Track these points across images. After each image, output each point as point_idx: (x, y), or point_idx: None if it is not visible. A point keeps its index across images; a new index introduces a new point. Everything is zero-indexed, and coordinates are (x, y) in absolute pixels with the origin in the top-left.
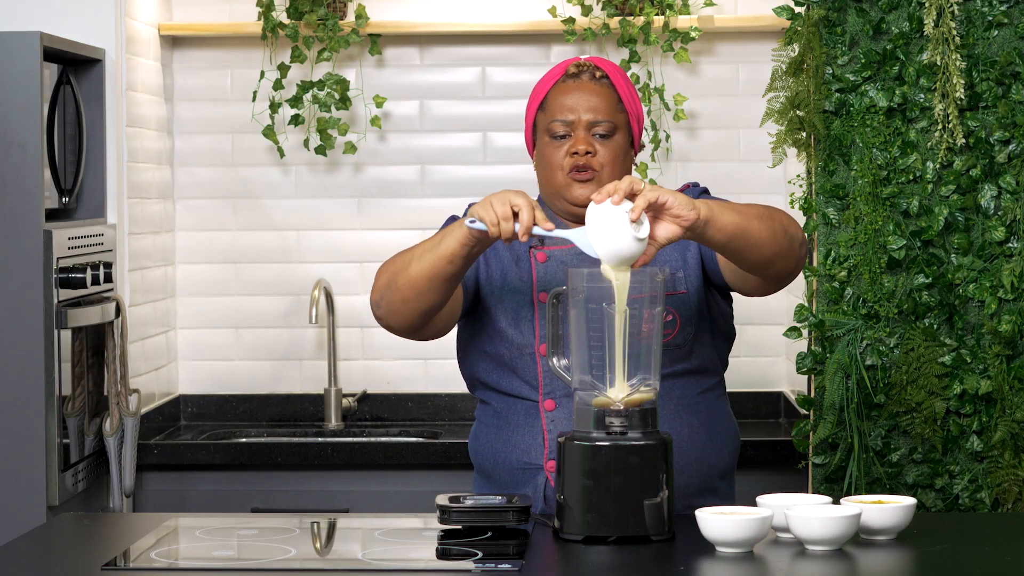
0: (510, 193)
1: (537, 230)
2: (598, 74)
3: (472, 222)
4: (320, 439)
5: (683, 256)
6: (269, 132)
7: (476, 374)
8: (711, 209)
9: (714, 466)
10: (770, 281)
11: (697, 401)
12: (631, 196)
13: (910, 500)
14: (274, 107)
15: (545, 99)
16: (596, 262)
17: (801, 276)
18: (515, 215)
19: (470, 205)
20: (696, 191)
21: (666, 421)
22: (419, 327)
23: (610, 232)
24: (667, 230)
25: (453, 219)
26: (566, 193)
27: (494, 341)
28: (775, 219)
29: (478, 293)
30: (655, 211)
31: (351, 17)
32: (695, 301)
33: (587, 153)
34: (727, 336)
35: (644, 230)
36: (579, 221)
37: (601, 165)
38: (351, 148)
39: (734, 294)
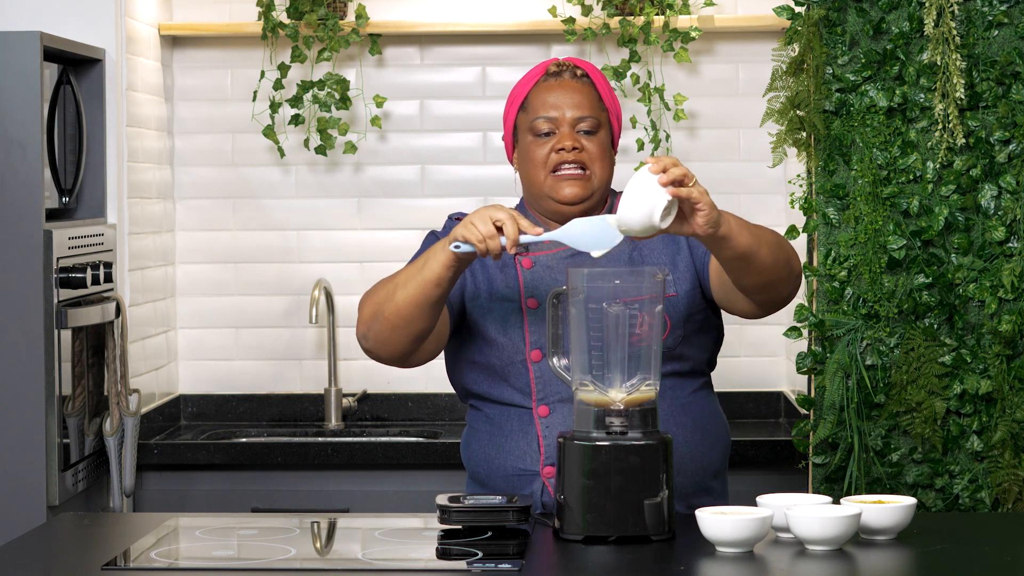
0: (489, 209)
1: (526, 238)
2: (578, 72)
3: (457, 246)
4: (320, 439)
5: (673, 259)
6: (269, 132)
7: (467, 385)
8: (731, 227)
9: (708, 465)
10: (759, 305)
11: (689, 401)
12: (679, 182)
13: (910, 500)
14: (274, 107)
15: (526, 99)
16: (585, 259)
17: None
18: (499, 230)
19: (449, 217)
20: None
21: (660, 422)
22: (409, 354)
23: (639, 202)
24: (678, 227)
25: (432, 235)
26: (553, 192)
27: (484, 351)
28: (782, 248)
29: (463, 308)
30: (685, 207)
31: (351, 17)
32: (685, 304)
33: (574, 149)
34: (717, 338)
35: (667, 222)
36: (564, 221)
37: (590, 160)
38: (351, 148)
39: None
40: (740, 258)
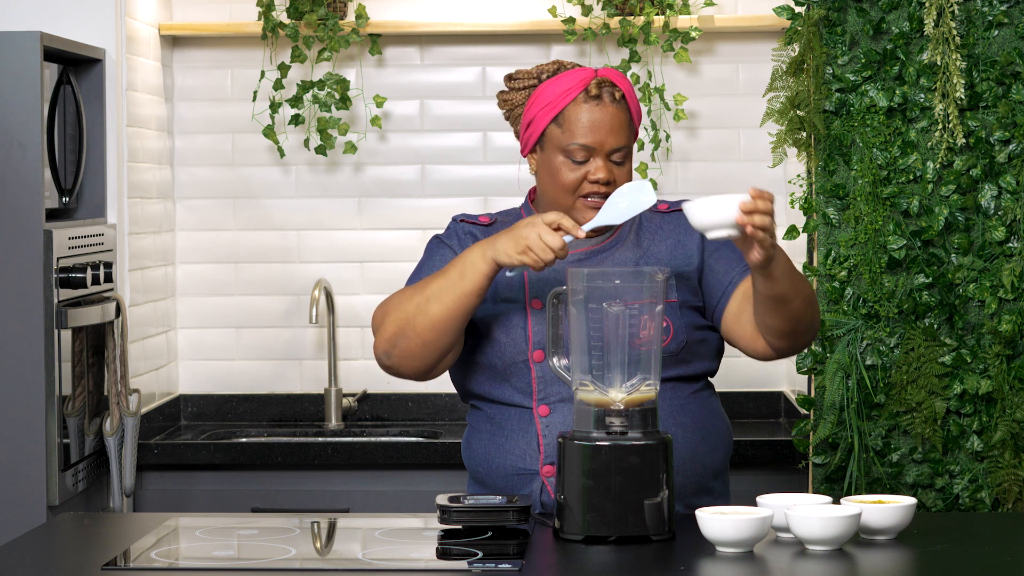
0: (532, 223)
1: (568, 238)
2: (617, 95)
3: (510, 271)
4: (320, 439)
5: (681, 269)
6: (269, 132)
7: (468, 385)
8: (776, 268)
9: (708, 465)
10: (770, 346)
11: (689, 401)
12: (764, 226)
13: (910, 500)
14: (274, 107)
15: (562, 114)
16: (589, 261)
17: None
18: (556, 229)
19: (454, 219)
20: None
21: (659, 422)
22: (432, 367)
23: (712, 212)
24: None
25: (436, 240)
26: (578, 214)
27: (485, 351)
28: (813, 306)
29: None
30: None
31: (351, 17)
32: (689, 311)
33: (608, 183)
34: (720, 344)
35: (730, 233)
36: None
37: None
38: (351, 148)
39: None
40: (774, 299)
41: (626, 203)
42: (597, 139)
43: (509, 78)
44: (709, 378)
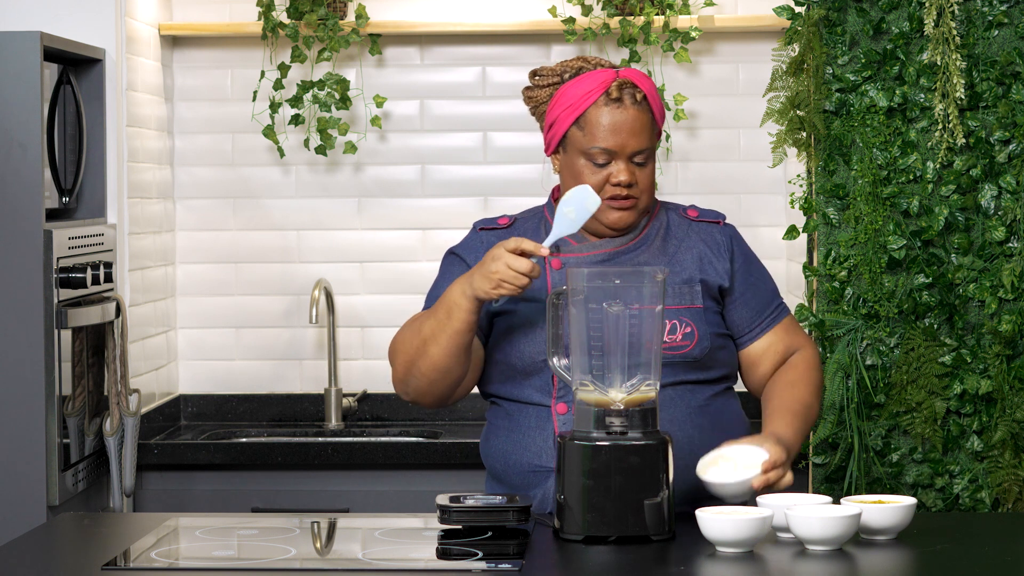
0: (496, 256)
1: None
2: (638, 96)
3: (496, 302)
4: (320, 439)
5: (707, 279)
6: (269, 132)
7: (487, 385)
8: (790, 459)
9: None
10: None
11: (708, 403)
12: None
13: (910, 500)
14: (274, 107)
15: (584, 116)
16: (613, 261)
17: (802, 276)
18: (522, 254)
19: (474, 227)
20: (727, 234)
21: (677, 423)
22: (450, 395)
23: (734, 492)
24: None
25: (452, 255)
26: (601, 216)
27: (505, 350)
28: (818, 398)
29: (491, 321)
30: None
31: (351, 17)
32: (713, 317)
33: (629, 185)
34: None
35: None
36: (598, 234)
37: (640, 192)
38: (351, 148)
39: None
40: None
41: (574, 211)
42: (618, 142)
43: (534, 74)
44: (732, 379)
